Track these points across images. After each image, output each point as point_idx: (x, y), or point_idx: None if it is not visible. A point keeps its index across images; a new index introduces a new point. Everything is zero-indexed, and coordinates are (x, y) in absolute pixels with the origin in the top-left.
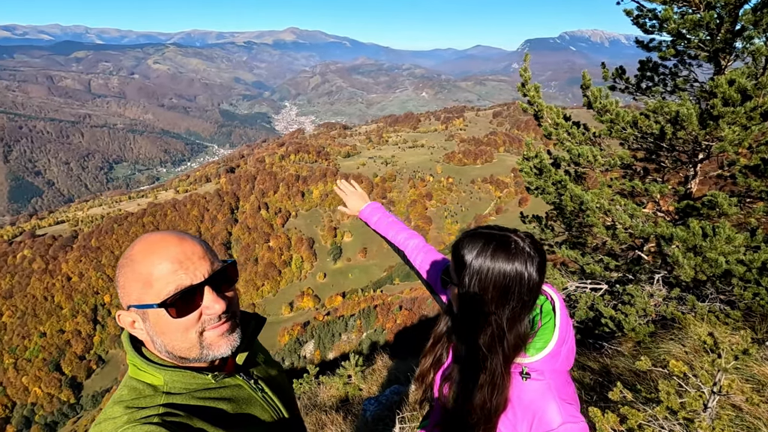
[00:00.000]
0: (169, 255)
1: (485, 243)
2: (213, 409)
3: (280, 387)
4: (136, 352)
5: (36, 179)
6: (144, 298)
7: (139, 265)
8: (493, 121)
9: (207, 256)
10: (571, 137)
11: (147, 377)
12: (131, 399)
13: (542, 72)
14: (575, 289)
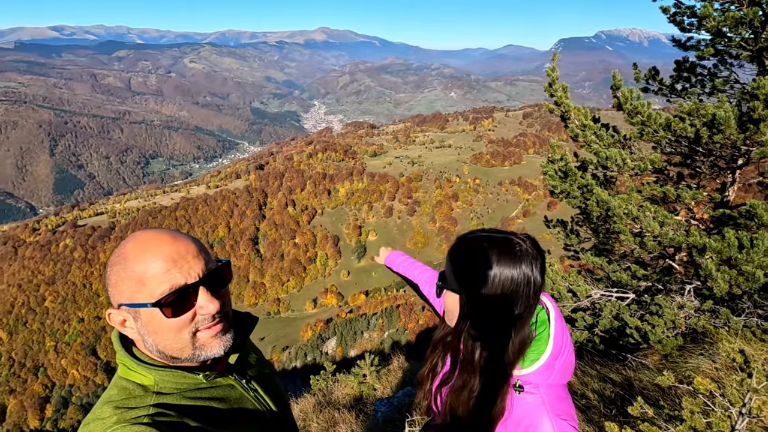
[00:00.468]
0: (163, 253)
1: (488, 246)
2: (204, 408)
3: (273, 386)
4: (126, 352)
5: (78, 172)
6: (136, 297)
7: (132, 263)
8: (523, 122)
9: (201, 255)
10: (599, 139)
11: (137, 377)
12: (121, 399)
13: (576, 72)
14: (600, 297)
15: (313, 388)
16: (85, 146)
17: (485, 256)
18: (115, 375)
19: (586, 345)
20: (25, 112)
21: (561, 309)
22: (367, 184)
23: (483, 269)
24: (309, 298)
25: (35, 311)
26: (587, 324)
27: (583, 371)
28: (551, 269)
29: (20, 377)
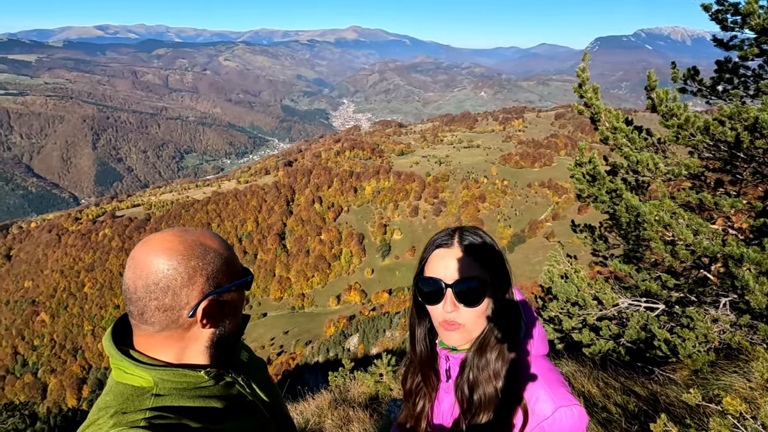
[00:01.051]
0: (221, 242)
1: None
2: (204, 408)
3: (267, 383)
4: (122, 355)
5: (118, 165)
6: (233, 277)
7: (222, 251)
8: (555, 123)
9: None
10: (630, 143)
11: (134, 380)
12: (118, 404)
13: (612, 72)
14: (627, 307)
15: (331, 385)
16: (125, 140)
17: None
18: (109, 379)
19: (611, 355)
20: (71, 107)
21: (585, 317)
22: (394, 182)
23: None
24: (333, 295)
25: (75, 296)
26: (612, 334)
27: (606, 383)
28: (577, 275)
29: (60, 358)
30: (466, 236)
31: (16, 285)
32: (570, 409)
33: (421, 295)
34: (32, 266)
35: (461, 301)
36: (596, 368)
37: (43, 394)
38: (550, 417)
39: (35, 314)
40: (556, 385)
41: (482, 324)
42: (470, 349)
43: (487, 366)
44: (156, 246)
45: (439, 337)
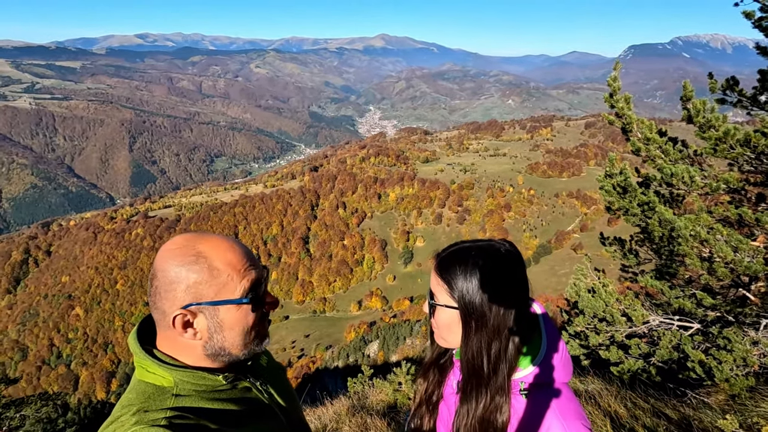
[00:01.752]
0: (239, 252)
1: (475, 255)
2: (222, 411)
3: (284, 388)
4: (146, 353)
5: (152, 167)
6: (222, 293)
7: (215, 262)
8: (585, 132)
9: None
10: (664, 154)
11: (156, 379)
12: (140, 402)
13: (647, 81)
14: (659, 325)
15: (350, 391)
16: (159, 144)
17: (477, 265)
18: (133, 377)
19: (641, 375)
20: (110, 111)
21: (614, 334)
22: (418, 189)
23: (479, 276)
24: (354, 300)
25: (108, 292)
26: (643, 352)
27: (635, 403)
28: (605, 290)
29: (92, 351)
30: (443, 261)
31: (55, 279)
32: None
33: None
34: (70, 262)
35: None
36: (624, 387)
37: (74, 385)
38: None
39: (71, 308)
40: (572, 418)
41: (450, 336)
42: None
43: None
44: (164, 247)
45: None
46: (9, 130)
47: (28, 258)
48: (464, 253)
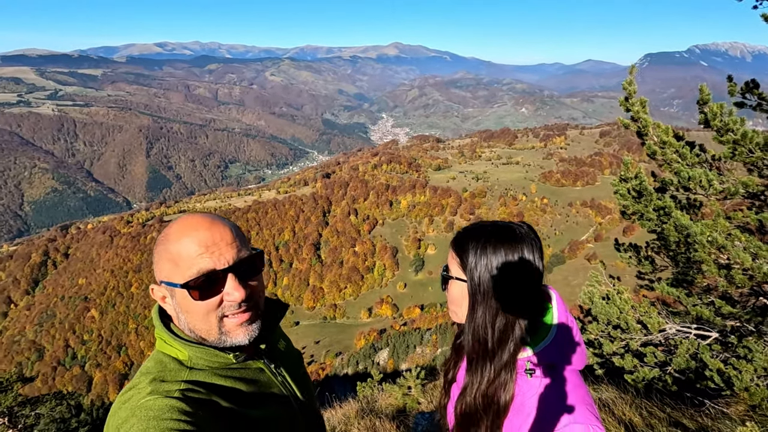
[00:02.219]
0: (198, 238)
1: (489, 234)
2: (233, 388)
3: (300, 375)
4: (164, 327)
5: (168, 173)
6: (172, 276)
7: (171, 245)
8: (600, 140)
9: (235, 243)
10: (681, 158)
11: (173, 351)
12: (157, 371)
13: (663, 89)
14: (675, 333)
15: (359, 395)
16: (175, 150)
17: (490, 242)
18: (154, 349)
19: (656, 384)
20: (129, 118)
21: (628, 342)
22: (429, 197)
23: (490, 254)
24: (364, 307)
25: (123, 295)
26: (659, 361)
27: (650, 412)
28: (619, 297)
29: (106, 353)
30: (458, 238)
31: (72, 282)
32: (587, 427)
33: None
34: (87, 265)
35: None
36: (639, 396)
37: (88, 386)
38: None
39: (86, 310)
40: (578, 400)
41: (459, 310)
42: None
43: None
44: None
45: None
46: (32, 136)
47: (47, 260)
48: (480, 230)
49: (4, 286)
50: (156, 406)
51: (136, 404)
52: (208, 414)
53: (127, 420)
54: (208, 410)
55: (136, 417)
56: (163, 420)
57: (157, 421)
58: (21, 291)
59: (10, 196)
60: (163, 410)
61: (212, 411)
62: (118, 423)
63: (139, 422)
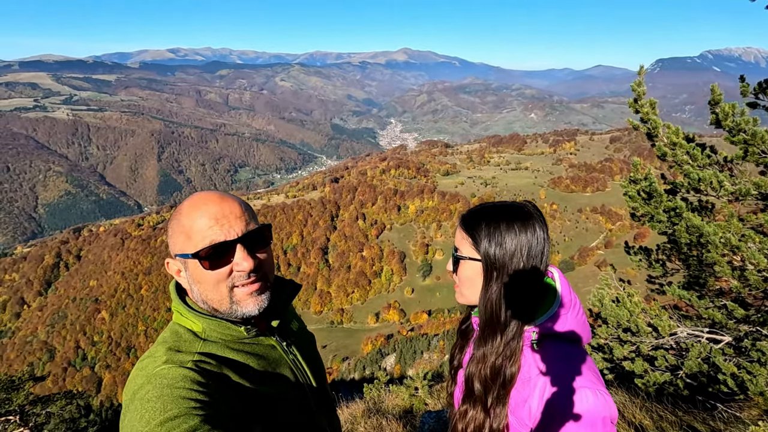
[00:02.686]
0: (209, 212)
1: (501, 212)
2: (243, 363)
3: (311, 355)
4: (180, 300)
5: (178, 176)
6: (185, 248)
7: (183, 218)
8: (610, 146)
9: (244, 216)
10: (692, 159)
11: (188, 323)
12: (173, 341)
13: (675, 95)
14: (687, 337)
15: (365, 396)
16: (186, 154)
17: (503, 220)
18: (171, 321)
19: (667, 388)
20: (141, 122)
21: (639, 345)
22: (438, 202)
23: (504, 231)
24: (372, 312)
25: (133, 297)
26: (670, 365)
27: (661, 416)
28: (630, 300)
29: (115, 355)
30: (468, 215)
31: (83, 283)
32: (593, 391)
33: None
34: (98, 267)
35: (453, 265)
36: (650, 400)
37: (97, 387)
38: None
39: (97, 312)
40: (582, 367)
41: (471, 291)
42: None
43: (483, 361)
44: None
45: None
46: (47, 140)
47: (60, 262)
48: (491, 210)
49: (18, 287)
50: (170, 375)
51: (151, 372)
52: (219, 386)
53: (143, 387)
54: (219, 382)
55: (152, 384)
56: (176, 388)
57: (170, 389)
58: (34, 292)
59: (25, 199)
60: (176, 379)
61: (223, 383)
62: (135, 388)
63: (154, 389)
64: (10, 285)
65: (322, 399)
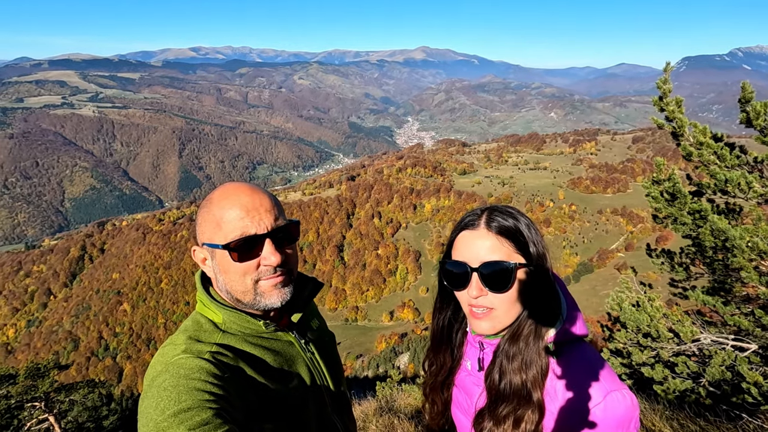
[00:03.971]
0: (240, 202)
1: (515, 210)
2: (260, 358)
3: (329, 354)
4: (203, 290)
5: (198, 173)
6: (214, 238)
7: (214, 208)
8: (633, 146)
9: (274, 210)
10: (719, 160)
11: (209, 313)
12: (193, 330)
13: (702, 94)
14: (710, 344)
15: (378, 395)
16: (206, 151)
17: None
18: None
19: (689, 396)
20: (163, 120)
21: (659, 351)
22: (454, 201)
23: (536, 229)
24: (386, 310)
25: (153, 290)
26: (691, 372)
27: (681, 424)
28: (650, 304)
29: (136, 346)
30: (495, 216)
31: (106, 276)
32: (621, 393)
33: (447, 280)
34: (120, 260)
35: (488, 285)
36: (670, 408)
37: (119, 377)
38: (601, 402)
39: (119, 304)
40: (603, 370)
41: (515, 311)
42: (504, 336)
43: (518, 355)
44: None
45: (470, 325)
46: (74, 136)
47: (84, 254)
48: (508, 210)
49: (45, 278)
50: (187, 365)
51: (170, 360)
52: (234, 379)
53: (161, 374)
54: (234, 375)
55: (169, 372)
56: (192, 379)
57: (186, 380)
58: (60, 283)
59: (53, 193)
60: (193, 370)
61: (238, 377)
62: (154, 374)
63: (171, 378)
64: (38, 276)
65: (338, 399)
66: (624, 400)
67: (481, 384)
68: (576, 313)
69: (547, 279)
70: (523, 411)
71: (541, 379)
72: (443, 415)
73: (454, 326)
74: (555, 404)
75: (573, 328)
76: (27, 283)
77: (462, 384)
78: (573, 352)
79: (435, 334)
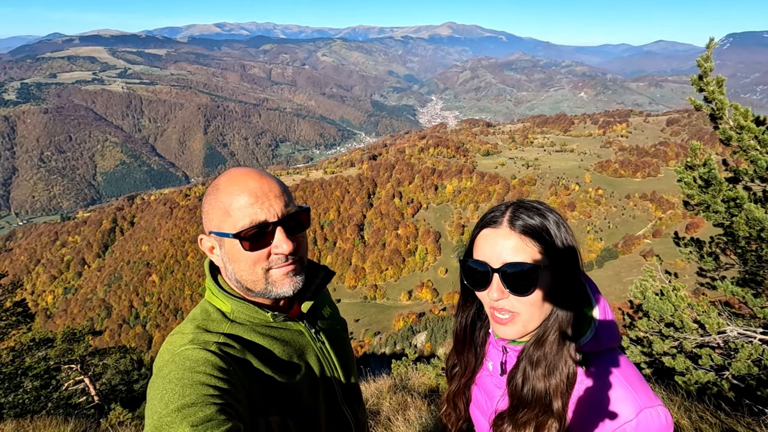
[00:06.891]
0: (249, 189)
1: (545, 206)
2: (268, 349)
3: (340, 343)
4: (212, 279)
5: (223, 150)
6: (222, 226)
7: (221, 195)
8: (666, 129)
9: (283, 197)
10: (760, 145)
11: (218, 303)
12: (202, 319)
13: (746, 74)
14: (737, 336)
15: (393, 372)
16: (230, 128)
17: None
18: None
19: (711, 389)
20: (189, 96)
21: (682, 342)
22: (476, 183)
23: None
24: (405, 289)
25: (180, 263)
26: (715, 364)
27: (701, 416)
28: (675, 294)
29: (164, 315)
30: (520, 214)
31: (136, 248)
32: (655, 410)
33: (468, 279)
34: (149, 233)
35: (509, 287)
36: (690, 399)
37: (148, 344)
38: (634, 420)
39: (148, 275)
40: (637, 383)
41: (539, 314)
42: (529, 341)
43: (543, 361)
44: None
45: (492, 328)
46: (105, 111)
47: (116, 227)
48: (532, 205)
49: (80, 248)
50: (192, 357)
51: (176, 350)
52: (240, 371)
53: (167, 364)
54: (240, 367)
55: (175, 363)
56: (197, 372)
57: (191, 373)
58: (93, 254)
59: (86, 167)
60: (198, 362)
61: (244, 369)
62: (161, 363)
63: (176, 369)
64: (73, 246)
65: (349, 389)
66: (658, 417)
67: (502, 386)
68: (609, 320)
69: (576, 282)
70: (544, 419)
71: (566, 389)
72: (465, 419)
73: (477, 324)
74: (581, 418)
75: (604, 336)
76: (63, 252)
77: (482, 384)
78: (604, 361)
79: (458, 333)
